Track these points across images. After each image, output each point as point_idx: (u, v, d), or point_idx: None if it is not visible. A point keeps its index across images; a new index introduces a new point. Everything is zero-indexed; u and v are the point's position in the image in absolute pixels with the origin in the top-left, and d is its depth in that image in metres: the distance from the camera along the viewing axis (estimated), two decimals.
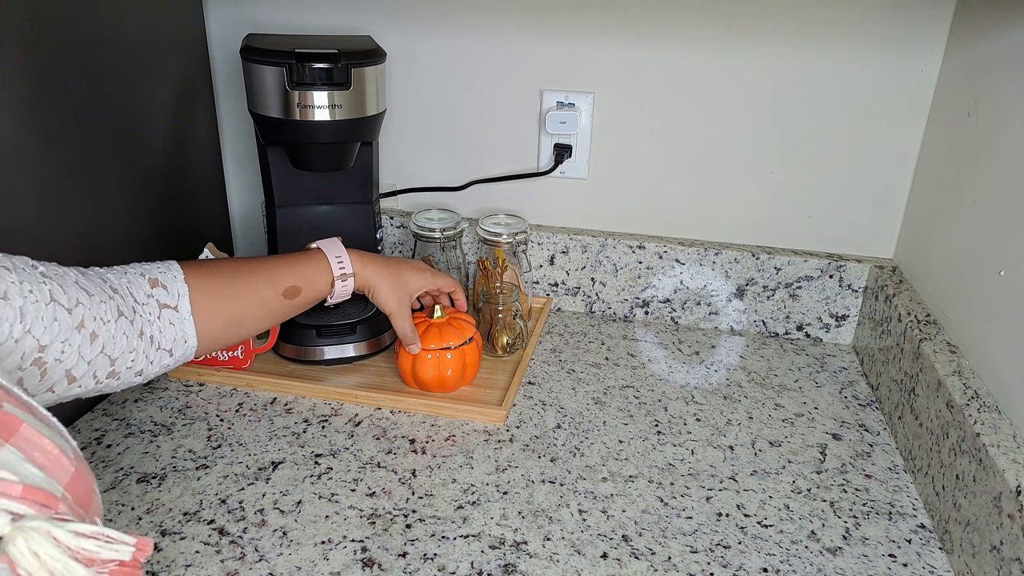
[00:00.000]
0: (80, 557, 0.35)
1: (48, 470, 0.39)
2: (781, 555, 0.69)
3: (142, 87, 0.93)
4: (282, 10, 1.06)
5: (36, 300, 0.53)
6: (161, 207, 0.98)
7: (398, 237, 1.15)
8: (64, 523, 0.35)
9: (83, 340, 0.57)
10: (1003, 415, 0.69)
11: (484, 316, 0.97)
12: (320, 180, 0.98)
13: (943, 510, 0.71)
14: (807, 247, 1.06)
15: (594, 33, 1.00)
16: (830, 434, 0.86)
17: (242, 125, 1.14)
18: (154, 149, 0.96)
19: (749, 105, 1.00)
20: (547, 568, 0.66)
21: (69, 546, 0.35)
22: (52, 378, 0.56)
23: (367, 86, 0.89)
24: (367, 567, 0.66)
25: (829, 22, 0.94)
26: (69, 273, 0.59)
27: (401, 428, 0.84)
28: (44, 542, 0.34)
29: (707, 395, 0.93)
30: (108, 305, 0.60)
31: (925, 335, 0.83)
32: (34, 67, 0.76)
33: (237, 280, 0.73)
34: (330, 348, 0.94)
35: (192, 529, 0.69)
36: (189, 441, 0.81)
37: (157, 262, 0.69)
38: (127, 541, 0.37)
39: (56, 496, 0.38)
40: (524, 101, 1.06)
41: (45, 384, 0.56)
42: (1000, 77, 0.78)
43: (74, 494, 0.40)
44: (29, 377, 0.54)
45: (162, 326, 0.66)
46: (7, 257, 0.53)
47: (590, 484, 0.77)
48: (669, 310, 1.09)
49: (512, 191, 1.11)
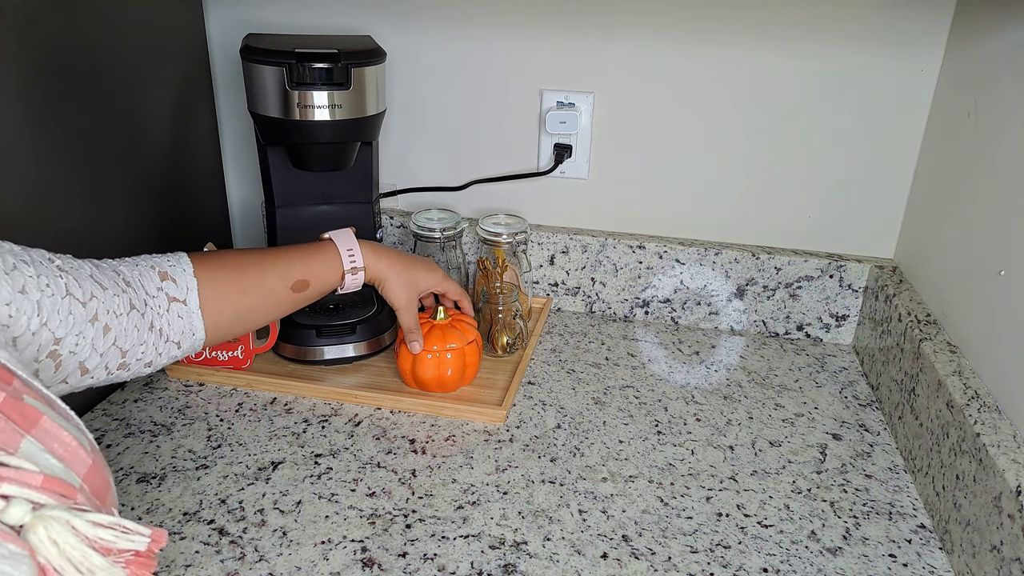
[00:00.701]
0: (97, 546, 0.36)
1: (67, 461, 0.40)
2: (781, 555, 0.69)
3: (142, 87, 0.93)
4: (282, 10, 1.06)
5: (52, 294, 0.54)
6: (161, 206, 0.98)
7: (398, 237, 1.15)
8: (82, 513, 0.37)
9: (96, 333, 0.58)
10: (1003, 415, 0.69)
11: (484, 316, 0.97)
12: (320, 180, 0.98)
13: (943, 510, 0.71)
14: (807, 247, 1.06)
15: (594, 33, 1.00)
16: (830, 434, 0.86)
17: (242, 125, 1.14)
18: (154, 149, 0.96)
19: (749, 105, 1.00)
20: (547, 568, 0.66)
21: (87, 535, 0.36)
22: (66, 370, 0.57)
23: (367, 86, 0.89)
24: (367, 567, 0.66)
25: (829, 22, 0.94)
26: (84, 266, 0.59)
27: (401, 428, 0.84)
28: (63, 531, 0.35)
29: (707, 395, 0.93)
30: (121, 299, 0.61)
31: (925, 335, 0.83)
32: (34, 67, 0.76)
33: (246, 274, 0.73)
34: (330, 348, 0.94)
35: (192, 529, 0.69)
36: (189, 441, 0.81)
37: (167, 254, 0.70)
38: (143, 532, 0.39)
39: (75, 487, 0.39)
40: (524, 101, 1.06)
41: (59, 376, 0.57)
42: (1000, 77, 0.78)
43: (91, 485, 0.41)
44: (44, 369, 0.55)
45: (171, 319, 0.67)
46: (25, 251, 0.54)
47: (590, 484, 0.77)
48: (669, 310, 1.09)
49: (512, 191, 1.11)
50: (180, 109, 1.01)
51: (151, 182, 0.96)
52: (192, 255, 0.71)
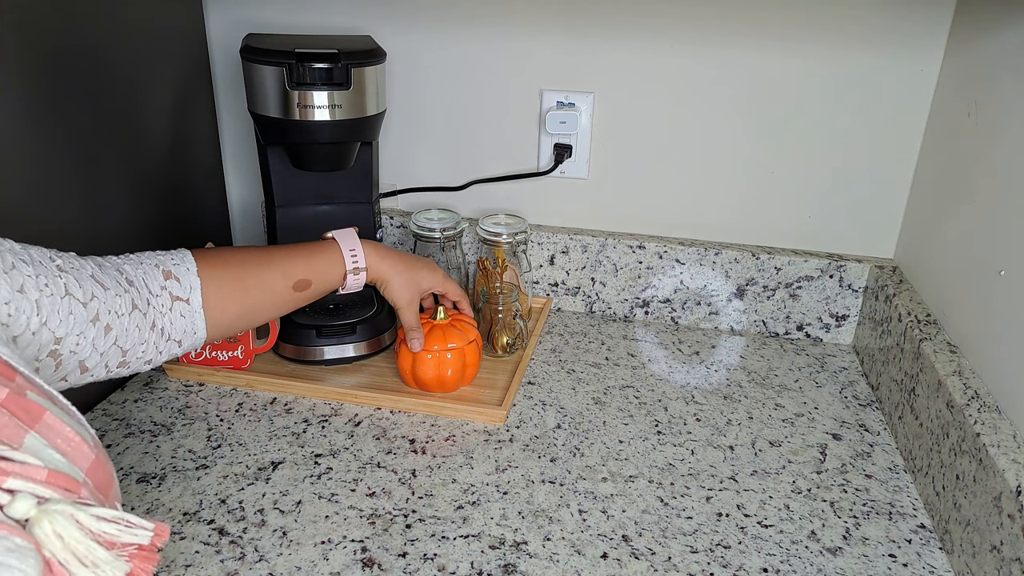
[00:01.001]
0: (101, 540, 0.37)
1: (70, 456, 0.40)
2: (781, 555, 0.69)
3: (142, 87, 0.93)
4: (282, 10, 1.06)
5: (52, 294, 0.54)
6: (161, 206, 0.98)
7: (398, 237, 1.15)
8: (86, 507, 0.37)
9: (97, 333, 0.58)
10: (1003, 415, 0.69)
11: (484, 316, 0.97)
12: (320, 180, 0.98)
13: (943, 510, 0.71)
14: (807, 247, 1.06)
15: (594, 33, 1.00)
16: (830, 434, 0.86)
17: (242, 125, 1.14)
18: (154, 149, 0.96)
19: (749, 105, 1.00)
20: (547, 568, 0.66)
21: (91, 529, 0.37)
22: (66, 368, 0.57)
23: (367, 86, 0.89)
24: (367, 567, 0.66)
25: (829, 22, 0.94)
26: (86, 266, 0.59)
27: (401, 428, 0.84)
28: (68, 525, 0.36)
29: (707, 395, 0.93)
30: (123, 299, 0.61)
31: (925, 335, 0.83)
32: (34, 66, 0.76)
33: (249, 272, 0.73)
34: (330, 348, 0.93)
35: (192, 529, 0.69)
36: (189, 441, 0.81)
37: (171, 252, 0.70)
38: (146, 526, 0.39)
39: (78, 481, 0.39)
40: (524, 101, 1.06)
41: (59, 374, 0.57)
42: (1000, 77, 0.78)
43: (94, 480, 0.41)
44: (45, 368, 0.55)
45: (173, 318, 0.67)
46: (25, 249, 0.54)
47: (590, 484, 0.77)
48: (669, 310, 1.09)
49: (512, 191, 1.11)
50: (180, 109, 1.01)
51: (151, 182, 0.96)
52: (195, 252, 0.71)
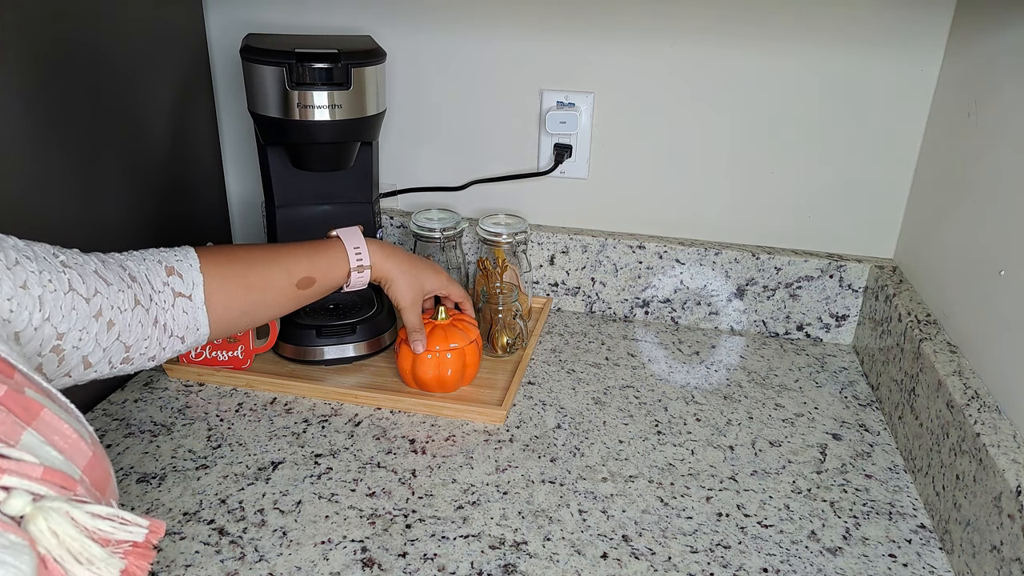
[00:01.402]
0: (96, 537, 0.37)
1: (67, 453, 0.40)
2: (781, 555, 0.69)
3: (142, 86, 0.93)
4: (282, 10, 1.06)
5: (55, 289, 0.54)
6: (161, 206, 0.98)
7: (398, 237, 1.15)
8: (82, 504, 0.37)
9: (100, 328, 0.58)
10: (1003, 415, 0.69)
11: (484, 316, 0.97)
12: (320, 180, 0.98)
13: (943, 510, 0.71)
14: (807, 247, 1.06)
15: (594, 33, 1.00)
16: (830, 434, 0.86)
17: (242, 125, 1.14)
18: (154, 148, 0.96)
19: (749, 105, 1.00)
20: (547, 568, 0.66)
21: (86, 526, 0.37)
22: (69, 364, 0.57)
23: (367, 86, 0.89)
24: (367, 567, 0.66)
25: (829, 22, 0.94)
26: (89, 262, 0.60)
27: (401, 428, 0.84)
28: (63, 522, 0.36)
29: (707, 395, 0.93)
30: (126, 294, 0.61)
31: (925, 335, 0.83)
32: (34, 66, 0.76)
33: (252, 269, 0.73)
34: (330, 348, 0.93)
35: (192, 529, 0.69)
36: (189, 441, 0.81)
37: (175, 248, 0.70)
38: (141, 523, 0.39)
39: (74, 478, 0.39)
40: (524, 101, 1.06)
41: (62, 370, 0.57)
42: (1000, 77, 0.78)
43: (91, 477, 0.41)
44: (48, 363, 0.55)
45: (176, 314, 0.67)
46: (29, 246, 0.54)
47: (590, 484, 0.77)
48: (669, 310, 1.09)
49: (512, 191, 1.11)
50: (180, 108, 1.01)
51: (151, 182, 0.96)
52: (199, 249, 0.71)
